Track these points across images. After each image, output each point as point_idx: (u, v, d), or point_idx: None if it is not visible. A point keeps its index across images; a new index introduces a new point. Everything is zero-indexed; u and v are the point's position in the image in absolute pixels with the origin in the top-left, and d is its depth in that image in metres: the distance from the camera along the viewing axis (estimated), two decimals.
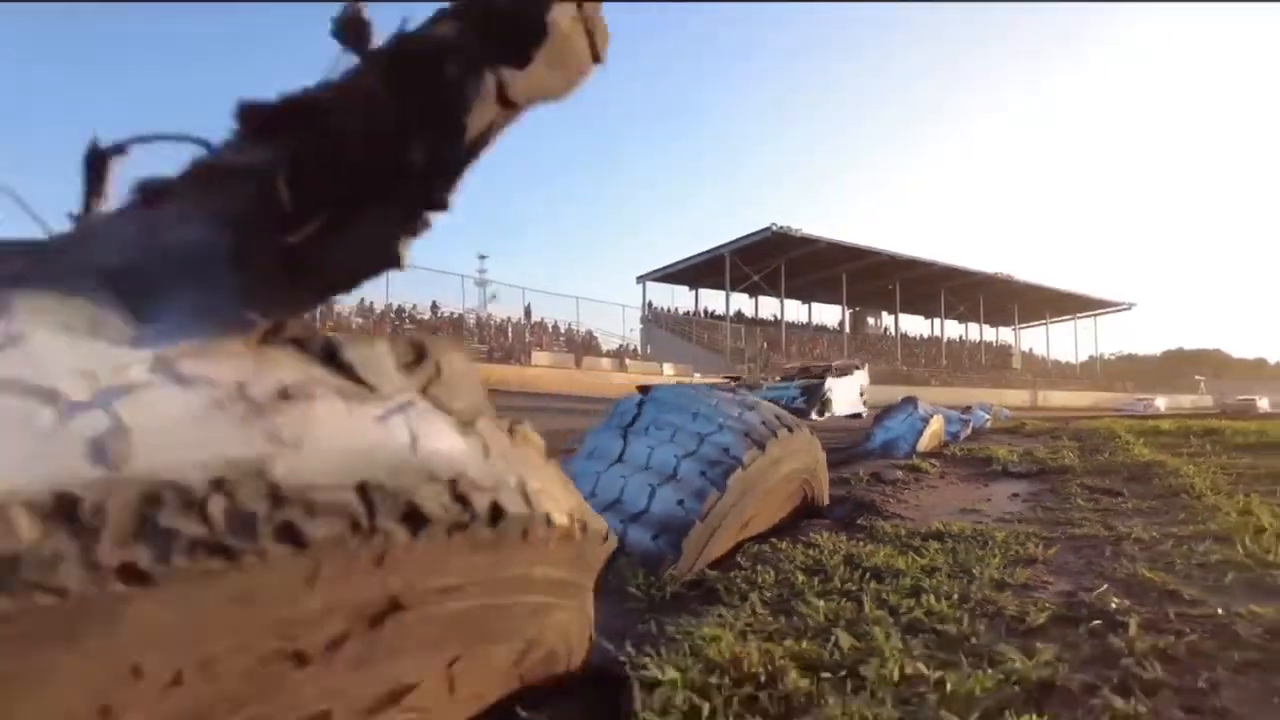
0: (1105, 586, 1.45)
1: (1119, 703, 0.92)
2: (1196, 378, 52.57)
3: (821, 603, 1.32)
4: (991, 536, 1.94)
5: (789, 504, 2.21)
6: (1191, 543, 1.83)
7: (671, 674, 0.92)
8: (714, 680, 0.94)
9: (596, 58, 0.49)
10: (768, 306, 44.23)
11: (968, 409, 8.10)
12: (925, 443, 4.68)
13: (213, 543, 0.34)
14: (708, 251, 38.57)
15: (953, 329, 50.16)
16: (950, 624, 1.23)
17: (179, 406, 0.34)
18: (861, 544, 1.83)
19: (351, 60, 0.41)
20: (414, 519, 0.43)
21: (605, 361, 31.64)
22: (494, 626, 0.58)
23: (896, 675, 0.99)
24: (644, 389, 2.07)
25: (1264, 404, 28.44)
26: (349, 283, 0.41)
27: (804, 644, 1.10)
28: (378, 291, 25.05)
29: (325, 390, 0.40)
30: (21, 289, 0.33)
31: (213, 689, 0.42)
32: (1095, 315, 51.71)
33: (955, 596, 1.38)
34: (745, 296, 43.18)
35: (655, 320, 40.42)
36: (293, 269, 0.39)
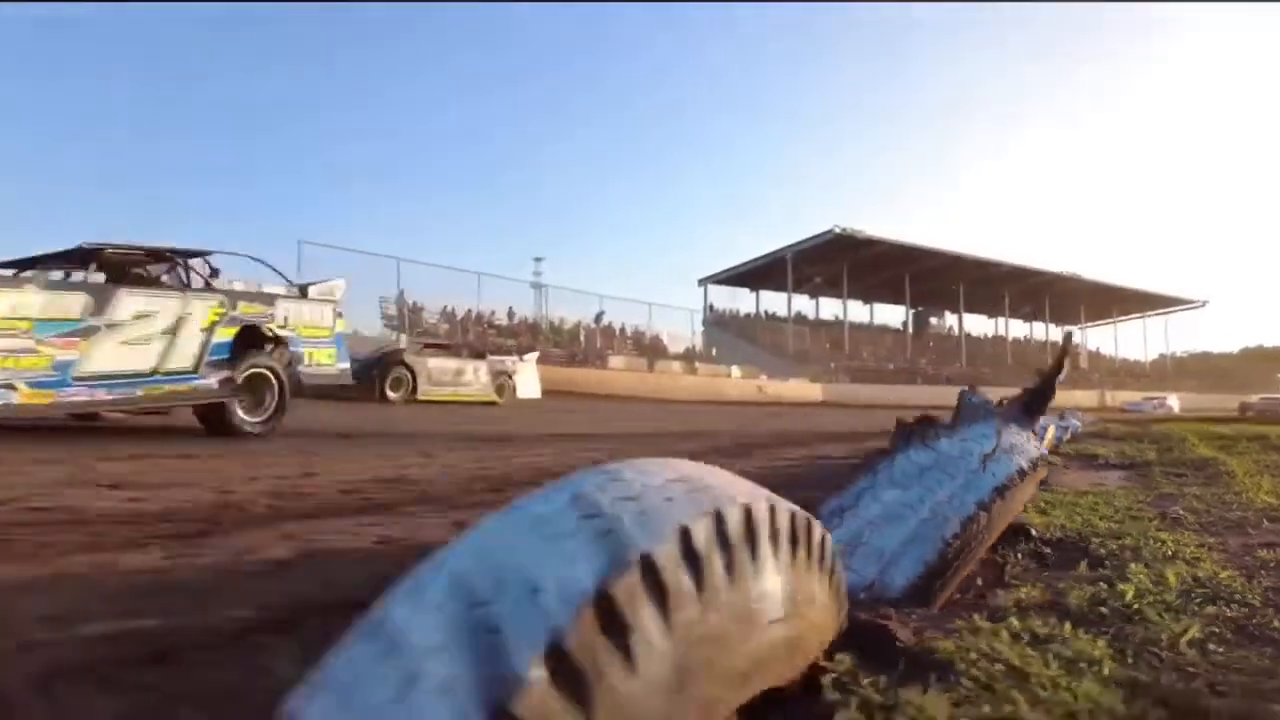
0: (1176, 508, 3.39)
1: (1164, 525, 2.87)
2: (1278, 376, 50.55)
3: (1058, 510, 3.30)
4: (1116, 493, 3.87)
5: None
6: (1221, 495, 3.73)
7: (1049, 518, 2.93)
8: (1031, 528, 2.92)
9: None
10: (829, 307, 44.50)
11: (1062, 415, 9.81)
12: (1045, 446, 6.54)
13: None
14: (769, 254, 39.03)
15: (1017, 328, 49.83)
16: (1111, 515, 3.20)
17: (1016, 436, 2.32)
18: (1055, 494, 3.80)
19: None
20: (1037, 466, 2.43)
21: (675, 364, 32.69)
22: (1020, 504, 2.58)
23: (1097, 524, 2.96)
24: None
25: None
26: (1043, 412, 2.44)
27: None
28: (465, 299, 27.67)
29: (1022, 433, 2.40)
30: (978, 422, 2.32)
31: None
32: (1165, 314, 50.53)
33: (1111, 510, 3.34)
34: (805, 298, 43.56)
35: (718, 323, 40.98)
36: (1033, 410, 2.40)
